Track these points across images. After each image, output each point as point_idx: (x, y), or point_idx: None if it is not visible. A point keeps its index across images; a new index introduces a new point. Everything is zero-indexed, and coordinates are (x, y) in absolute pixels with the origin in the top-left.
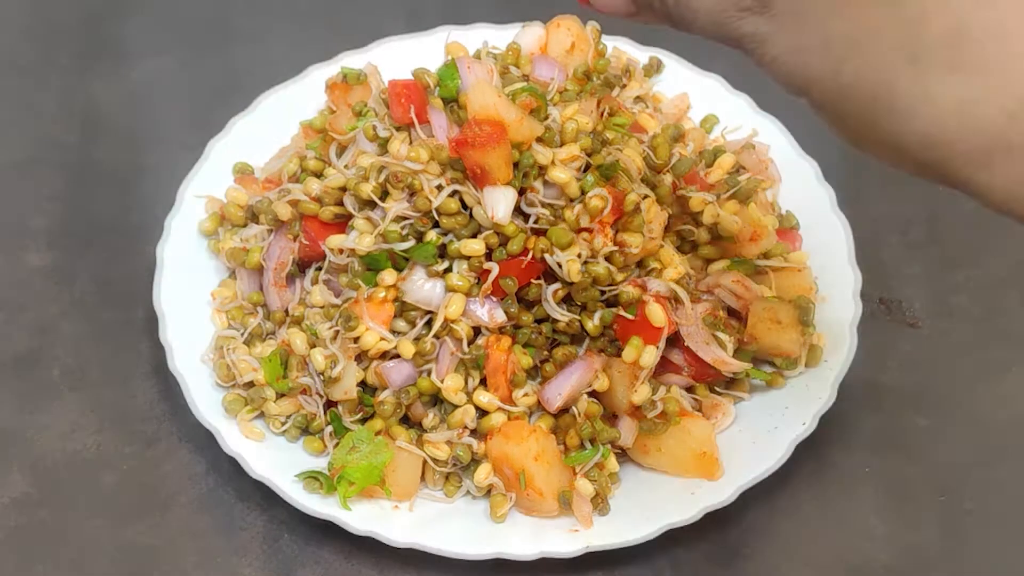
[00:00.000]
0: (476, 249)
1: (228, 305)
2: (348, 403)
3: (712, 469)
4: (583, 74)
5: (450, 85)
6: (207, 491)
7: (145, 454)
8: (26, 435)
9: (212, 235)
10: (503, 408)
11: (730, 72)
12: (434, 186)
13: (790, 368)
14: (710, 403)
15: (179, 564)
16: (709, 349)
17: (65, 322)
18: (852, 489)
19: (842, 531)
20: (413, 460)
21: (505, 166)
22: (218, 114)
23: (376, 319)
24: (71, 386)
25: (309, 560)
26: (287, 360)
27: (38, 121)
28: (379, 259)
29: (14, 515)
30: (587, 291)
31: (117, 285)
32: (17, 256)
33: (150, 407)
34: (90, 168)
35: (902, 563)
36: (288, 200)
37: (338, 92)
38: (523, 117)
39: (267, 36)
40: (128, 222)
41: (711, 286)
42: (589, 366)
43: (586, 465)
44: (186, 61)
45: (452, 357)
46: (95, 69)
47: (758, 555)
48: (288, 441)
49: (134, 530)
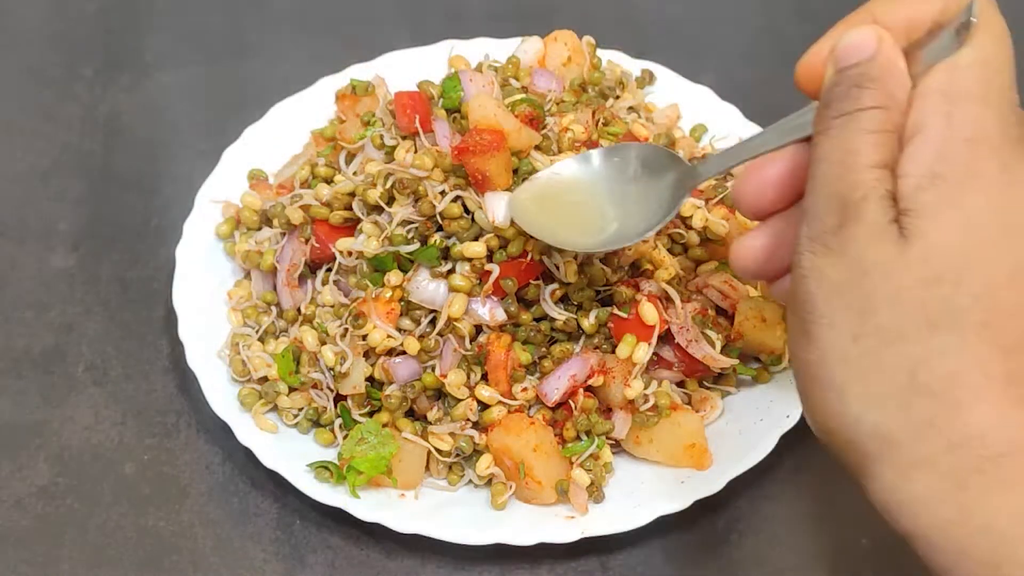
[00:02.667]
0: (478, 251)
1: (243, 304)
2: (356, 397)
3: (702, 460)
4: (579, 85)
5: (453, 96)
6: (223, 480)
7: (164, 445)
8: (52, 427)
9: (228, 238)
10: (503, 402)
11: (719, 84)
12: (438, 192)
13: (775, 363)
14: (700, 397)
15: (196, 549)
16: (699, 346)
17: (88, 320)
18: (834, 478)
19: (825, 517)
20: (418, 451)
21: (505, 172)
22: (233, 123)
23: (383, 318)
24: (94, 380)
25: (320, 546)
26: (299, 356)
27: (63, 130)
28: (386, 261)
29: (41, 503)
30: (583, 291)
31: (138, 285)
32: (43, 258)
33: (169, 400)
34: (112, 174)
35: (882, 546)
36: (300, 205)
37: (347, 102)
38: (521, 126)
39: (279, 49)
40: (148, 226)
41: (701, 286)
42: (585, 362)
43: (582, 456)
44: (203, 73)
45: (455, 354)
46: (117, 81)
47: (745, 541)
48: (300, 433)
49: (154, 517)
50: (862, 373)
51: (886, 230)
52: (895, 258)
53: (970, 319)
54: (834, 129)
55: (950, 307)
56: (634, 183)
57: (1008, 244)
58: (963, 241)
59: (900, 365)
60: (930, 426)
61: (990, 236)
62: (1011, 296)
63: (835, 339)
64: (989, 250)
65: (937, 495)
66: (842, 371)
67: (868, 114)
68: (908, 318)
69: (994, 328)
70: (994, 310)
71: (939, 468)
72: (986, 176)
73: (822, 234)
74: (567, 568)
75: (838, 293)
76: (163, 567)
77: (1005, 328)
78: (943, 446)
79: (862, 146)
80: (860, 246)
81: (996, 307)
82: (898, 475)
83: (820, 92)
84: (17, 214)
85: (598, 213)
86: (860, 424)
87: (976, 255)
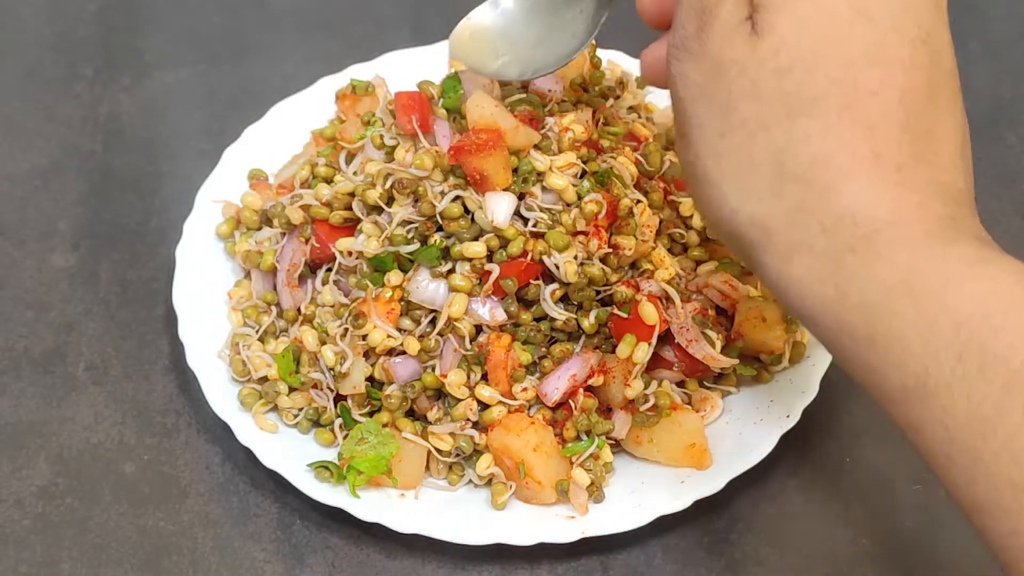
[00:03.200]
0: (478, 251)
1: (243, 304)
2: (357, 397)
3: (702, 459)
4: (579, 85)
5: (453, 96)
6: (223, 480)
7: (164, 445)
8: (52, 427)
9: (228, 238)
10: (503, 402)
11: None
12: (438, 192)
13: (775, 364)
14: (700, 397)
15: (196, 548)
16: (699, 346)
17: (88, 320)
18: (834, 478)
19: (824, 518)
20: (418, 451)
21: (503, 172)
22: (233, 123)
23: (383, 318)
24: (94, 380)
25: (319, 545)
26: (299, 356)
27: (63, 130)
28: (386, 261)
29: (41, 503)
30: (583, 291)
31: (137, 285)
32: (43, 258)
33: (169, 400)
34: (112, 174)
35: (881, 548)
36: (300, 205)
37: (347, 102)
38: (519, 125)
39: (280, 49)
40: (148, 225)
41: (701, 286)
42: (585, 362)
43: (582, 456)
44: (203, 73)
45: (455, 353)
46: (117, 81)
47: (745, 541)
48: (300, 433)
49: (154, 517)
50: (733, 167)
51: (739, 28)
52: (749, 54)
53: (829, 103)
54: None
55: (807, 93)
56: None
57: (862, 26)
58: (814, 30)
59: (766, 156)
60: (800, 211)
61: (842, 21)
62: (871, 75)
63: (705, 138)
64: (842, 34)
65: (817, 276)
66: (715, 167)
67: None
68: (768, 109)
69: (856, 109)
70: (855, 91)
71: (815, 251)
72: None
73: (684, 40)
74: (567, 568)
75: (702, 94)
76: (163, 567)
77: (868, 107)
78: (817, 229)
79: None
80: (716, 46)
81: (856, 88)
82: (779, 260)
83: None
84: (17, 214)
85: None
86: (738, 215)
87: (830, 41)
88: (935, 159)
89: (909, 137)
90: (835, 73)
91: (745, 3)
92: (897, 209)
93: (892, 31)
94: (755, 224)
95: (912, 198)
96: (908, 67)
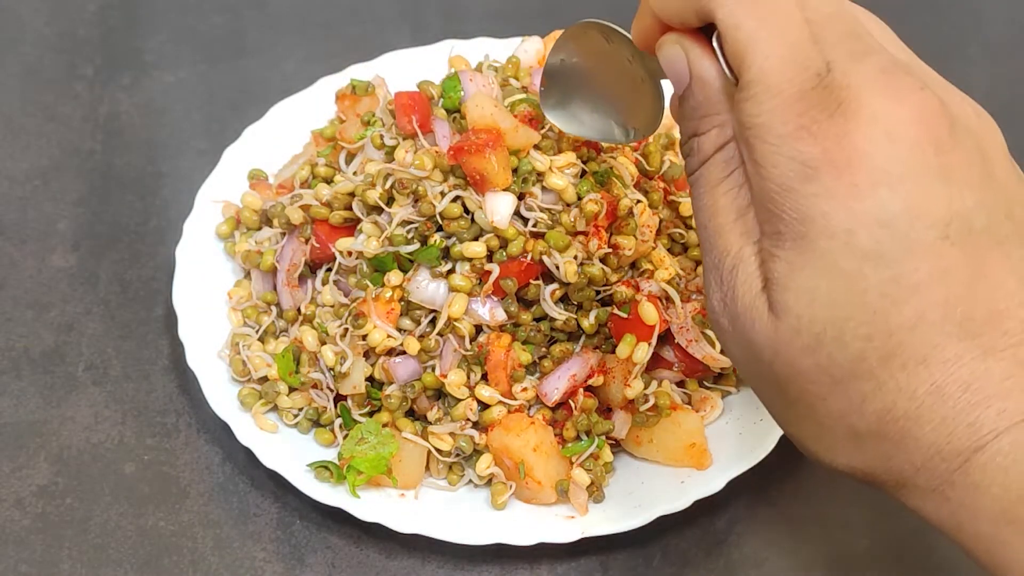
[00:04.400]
0: (478, 251)
1: (243, 304)
2: (357, 397)
3: (701, 460)
4: None
5: (453, 96)
6: (223, 480)
7: (164, 445)
8: (52, 427)
9: (227, 238)
10: (503, 402)
11: None
12: (438, 192)
13: None
14: (699, 397)
15: (196, 548)
16: (699, 346)
17: (88, 320)
18: (833, 479)
19: (823, 519)
20: (418, 451)
21: (503, 172)
22: (233, 123)
23: (383, 318)
24: (94, 380)
25: (319, 545)
26: (299, 356)
27: (62, 130)
28: (386, 261)
29: (41, 502)
30: (583, 291)
31: (137, 285)
32: (43, 258)
33: (169, 400)
34: (112, 174)
35: (879, 548)
36: (300, 205)
37: (347, 102)
38: (519, 125)
39: (279, 49)
40: (148, 225)
41: (700, 286)
42: (585, 362)
43: (582, 456)
44: (202, 73)
45: (455, 353)
46: (117, 81)
47: (744, 542)
48: (300, 433)
49: (154, 517)
50: (810, 434)
51: (757, 305)
52: (773, 336)
53: (871, 361)
54: (694, 187)
55: (843, 359)
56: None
57: (871, 270)
58: (824, 299)
59: (833, 422)
60: (888, 459)
61: (850, 277)
62: (902, 313)
63: (773, 409)
64: (855, 290)
65: (932, 509)
66: (795, 432)
67: (714, 162)
68: (814, 386)
69: (900, 354)
70: (890, 337)
71: (920, 487)
72: (816, 222)
73: (713, 313)
74: (567, 568)
75: (750, 373)
76: (163, 567)
77: (912, 345)
78: (911, 471)
79: (720, 202)
80: (742, 328)
81: (891, 334)
82: (897, 496)
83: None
84: (17, 214)
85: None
86: (836, 465)
87: (844, 303)
88: (1004, 339)
89: (968, 345)
90: (863, 330)
91: (757, 275)
92: (975, 432)
93: (906, 254)
94: (856, 471)
95: (991, 410)
96: (940, 275)
